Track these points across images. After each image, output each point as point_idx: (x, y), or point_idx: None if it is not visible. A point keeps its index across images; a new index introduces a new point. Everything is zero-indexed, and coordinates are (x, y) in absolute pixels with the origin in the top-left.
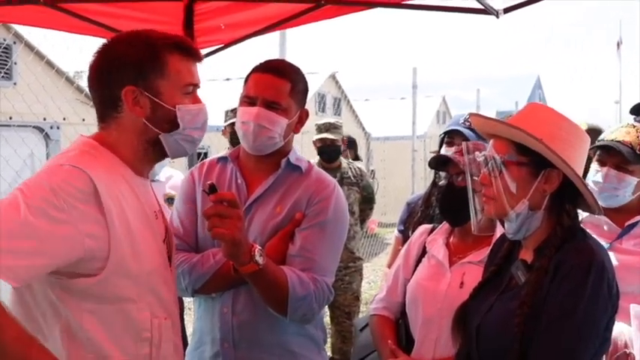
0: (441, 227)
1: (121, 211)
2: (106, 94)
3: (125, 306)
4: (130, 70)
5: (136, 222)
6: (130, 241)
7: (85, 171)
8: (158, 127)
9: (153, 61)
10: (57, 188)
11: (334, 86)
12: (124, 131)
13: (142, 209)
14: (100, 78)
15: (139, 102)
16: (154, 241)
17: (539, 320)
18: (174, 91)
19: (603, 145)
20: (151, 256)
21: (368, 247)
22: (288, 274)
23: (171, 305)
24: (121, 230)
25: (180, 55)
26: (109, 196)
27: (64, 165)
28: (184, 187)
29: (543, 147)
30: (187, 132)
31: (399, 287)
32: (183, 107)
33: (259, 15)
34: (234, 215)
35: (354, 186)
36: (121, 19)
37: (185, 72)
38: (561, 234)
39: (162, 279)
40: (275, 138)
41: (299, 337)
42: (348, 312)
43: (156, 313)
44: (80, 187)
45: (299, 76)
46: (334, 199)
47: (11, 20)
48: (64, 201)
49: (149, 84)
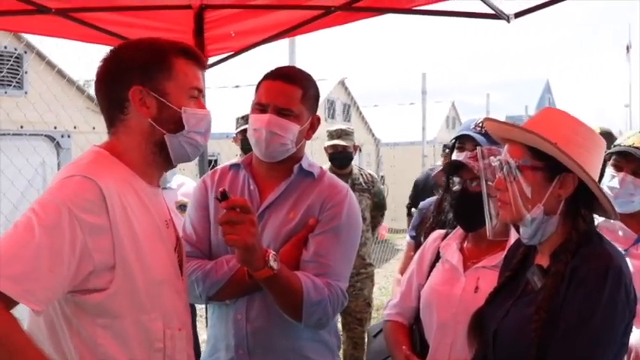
0: (454, 232)
1: (127, 221)
2: (113, 96)
3: (138, 317)
4: (137, 72)
5: (145, 232)
6: (137, 251)
7: (94, 180)
8: (164, 127)
9: (160, 63)
10: (68, 203)
11: (343, 92)
12: (132, 134)
13: (151, 219)
14: (107, 81)
15: (146, 102)
16: (165, 251)
17: (556, 326)
18: (180, 92)
19: (621, 150)
20: (162, 267)
21: (379, 253)
22: (303, 280)
23: (184, 315)
24: (126, 240)
25: (186, 59)
26: (117, 205)
27: (74, 176)
28: (197, 194)
29: (558, 151)
30: (191, 135)
31: (413, 292)
32: (188, 110)
33: (269, 22)
34: (246, 221)
35: (366, 192)
36: (132, 27)
37: (191, 75)
38: (577, 239)
39: (174, 289)
40: (287, 144)
41: (313, 342)
42: (359, 318)
43: (169, 323)
44: (89, 197)
45: (310, 82)
46: (347, 204)
47: (23, 30)
48: (76, 217)
49: (156, 85)
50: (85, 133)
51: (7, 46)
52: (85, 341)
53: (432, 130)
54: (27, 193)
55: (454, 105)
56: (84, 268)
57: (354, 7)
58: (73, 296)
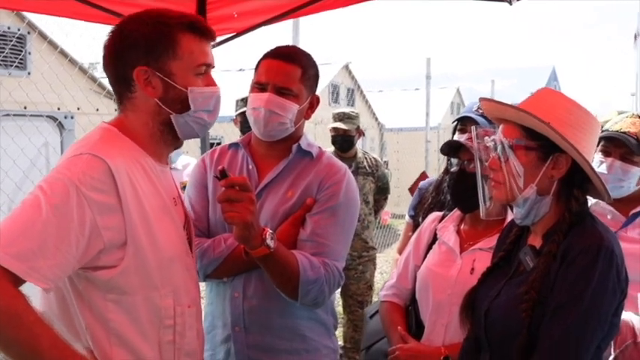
0: (452, 214)
1: (137, 199)
2: (119, 74)
3: (148, 294)
4: (142, 51)
5: (154, 209)
6: (147, 228)
7: (103, 159)
8: (170, 107)
9: (165, 42)
10: (76, 182)
11: (348, 77)
12: (139, 112)
13: (159, 196)
14: (112, 58)
15: (151, 82)
16: (174, 228)
17: (547, 305)
18: (186, 72)
19: (608, 135)
20: (171, 243)
21: (381, 238)
22: (299, 258)
23: (194, 292)
24: (137, 218)
25: (193, 34)
26: (126, 184)
27: (83, 154)
28: (196, 172)
29: (551, 131)
30: (198, 114)
31: (409, 274)
32: (195, 89)
33: (272, 3)
34: (245, 199)
35: (370, 176)
36: (134, 7)
37: (198, 52)
38: (570, 219)
39: (184, 266)
40: (286, 124)
41: (310, 321)
42: (360, 301)
43: (179, 300)
44: (98, 176)
45: (310, 61)
46: (345, 184)
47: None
48: (84, 196)
49: (161, 65)
50: (89, 114)
51: (10, 26)
52: (96, 316)
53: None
54: (30, 174)
55: (459, 91)
56: (94, 246)
57: None
58: (84, 272)
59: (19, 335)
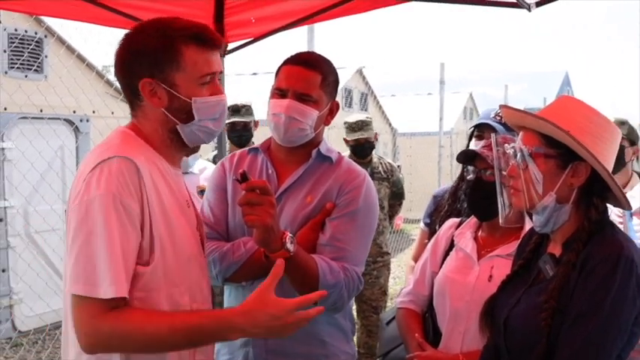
0: (469, 221)
1: (159, 199)
2: (128, 83)
3: (170, 291)
4: (147, 63)
5: (173, 209)
6: (168, 227)
7: (132, 160)
8: (176, 117)
9: (168, 54)
10: (114, 191)
11: (361, 81)
12: (149, 120)
13: (175, 198)
14: (121, 68)
15: (157, 93)
16: (190, 228)
17: (567, 314)
18: (190, 83)
19: None
20: (188, 242)
21: (394, 243)
22: (319, 262)
23: (206, 291)
24: (160, 217)
25: (196, 45)
26: (150, 184)
27: (112, 158)
28: (215, 176)
29: (570, 139)
30: (203, 123)
31: (427, 280)
32: (199, 99)
33: (289, 8)
34: (265, 202)
35: (385, 181)
36: (153, 12)
37: (201, 63)
38: (589, 228)
39: (199, 265)
40: (306, 130)
41: (328, 326)
42: (375, 306)
43: (194, 298)
44: (130, 178)
45: (330, 68)
46: (365, 189)
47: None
48: (123, 205)
49: (165, 76)
50: (104, 118)
51: (27, 30)
52: None
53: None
54: (46, 176)
55: (472, 96)
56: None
57: None
58: None
59: (140, 345)
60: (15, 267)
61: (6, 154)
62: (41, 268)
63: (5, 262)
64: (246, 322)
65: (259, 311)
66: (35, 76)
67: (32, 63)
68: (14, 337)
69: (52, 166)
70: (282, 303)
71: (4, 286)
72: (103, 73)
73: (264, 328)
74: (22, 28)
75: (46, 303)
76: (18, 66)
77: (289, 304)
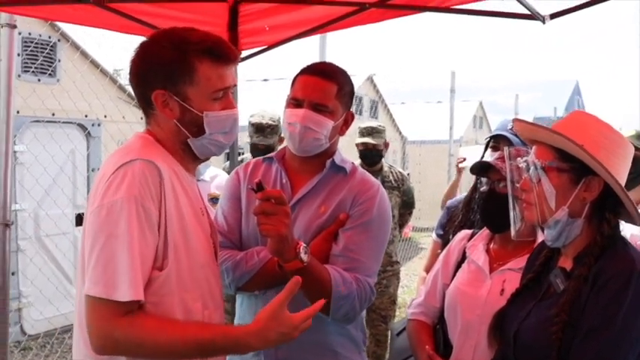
0: (481, 233)
1: (177, 204)
2: (141, 92)
3: (182, 296)
4: (160, 75)
5: (189, 215)
6: (184, 234)
7: (155, 163)
8: (187, 129)
9: (182, 68)
10: (136, 194)
11: (371, 89)
12: (163, 128)
13: (191, 204)
14: (135, 77)
15: (169, 105)
16: (204, 235)
17: (577, 329)
18: (202, 97)
19: None
20: (202, 249)
21: (402, 252)
22: (332, 273)
23: (219, 298)
24: (176, 222)
25: (210, 60)
26: (169, 189)
27: (134, 160)
28: (229, 185)
29: (584, 153)
30: (214, 137)
31: (438, 292)
32: (210, 114)
33: (303, 17)
34: (280, 212)
35: (395, 190)
36: (168, 19)
37: (215, 78)
38: (601, 243)
39: (212, 272)
40: (321, 139)
41: (340, 337)
42: (384, 315)
43: (206, 304)
44: (152, 182)
45: (345, 78)
46: (378, 200)
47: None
48: (144, 208)
49: (178, 89)
50: (116, 122)
51: (41, 34)
52: None
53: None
54: (58, 180)
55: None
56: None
57: (388, 5)
58: None
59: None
60: (25, 270)
61: (18, 157)
62: (51, 272)
63: (15, 265)
64: (259, 341)
65: (272, 330)
66: (48, 80)
67: (46, 67)
68: (23, 341)
69: (64, 170)
70: (292, 319)
71: (14, 290)
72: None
73: (273, 343)
74: (36, 32)
75: (55, 307)
76: (32, 70)
77: (297, 320)
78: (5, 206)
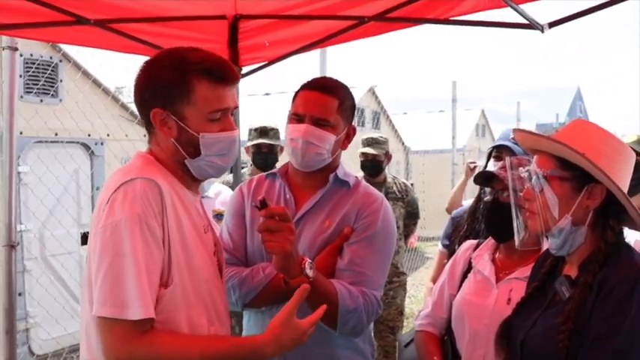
0: (486, 242)
1: (178, 222)
2: (142, 111)
3: (189, 312)
4: (160, 94)
5: (190, 232)
6: (186, 251)
7: (155, 181)
8: (185, 149)
9: (180, 86)
10: (139, 212)
11: (373, 100)
12: (162, 148)
13: (192, 223)
14: (137, 96)
15: (167, 124)
16: (207, 253)
17: (584, 336)
18: (199, 117)
19: None
20: (205, 265)
21: (408, 262)
22: (338, 287)
23: (224, 315)
24: (178, 240)
25: (209, 80)
26: (170, 207)
27: (135, 179)
28: (233, 202)
29: (586, 161)
30: (210, 159)
31: (445, 303)
32: (206, 135)
33: (303, 32)
34: (285, 229)
35: (399, 201)
36: (168, 38)
37: (212, 99)
38: (605, 250)
39: (216, 287)
40: (323, 154)
41: (347, 350)
42: (391, 327)
43: (212, 320)
44: (154, 200)
45: (347, 93)
46: (382, 213)
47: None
48: (147, 225)
49: (176, 108)
50: (119, 141)
51: (43, 55)
52: None
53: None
54: (62, 199)
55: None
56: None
57: (387, 18)
58: None
59: None
60: (31, 291)
61: (22, 178)
62: (57, 292)
63: (22, 286)
64: (275, 349)
65: (286, 337)
66: (51, 100)
67: (48, 88)
68: None
69: (68, 190)
70: (301, 325)
71: (21, 310)
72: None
73: (287, 348)
74: (37, 53)
75: (62, 327)
76: (35, 91)
77: (306, 325)
78: (11, 227)
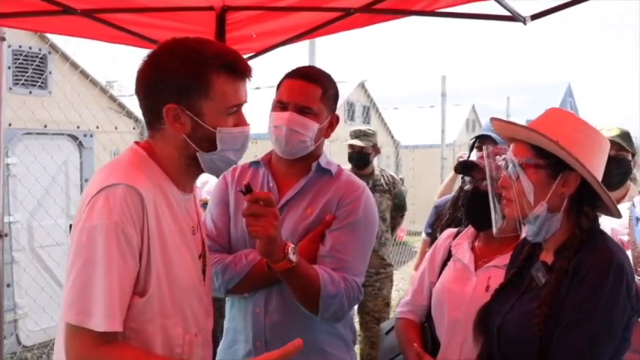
0: (466, 231)
1: (159, 229)
2: (149, 105)
3: (163, 322)
4: (175, 89)
5: (174, 239)
6: (166, 259)
7: (137, 189)
8: (197, 145)
9: (198, 82)
10: (117, 220)
11: (363, 95)
12: (167, 143)
13: (178, 225)
14: (144, 89)
15: (180, 119)
16: (191, 258)
17: (559, 320)
18: (216, 112)
19: None
20: (187, 274)
21: (396, 255)
22: (320, 273)
23: (202, 320)
24: (158, 247)
25: (227, 75)
26: (152, 213)
27: (117, 185)
28: (217, 190)
29: (559, 149)
30: (224, 153)
31: (425, 291)
32: (224, 130)
33: (290, 24)
34: (269, 214)
35: (386, 193)
36: (155, 28)
37: (230, 94)
38: (580, 236)
39: (196, 295)
40: (306, 142)
41: (329, 335)
42: (378, 318)
43: (188, 329)
44: (134, 208)
45: (330, 81)
46: (364, 201)
47: (49, 30)
48: (124, 235)
49: (192, 103)
50: (108, 133)
51: (32, 46)
52: None
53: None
54: (50, 191)
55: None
56: (134, 278)
57: (373, 9)
58: None
59: None
60: (19, 281)
61: (10, 169)
62: (45, 283)
63: (10, 276)
64: None
65: None
66: (39, 92)
67: (36, 79)
68: (19, 352)
69: (56, 181)
70: None
71: (9, 301)
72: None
73: None
74: (26, 44)
75: (50, 317)
76: (22, 82)
77: None
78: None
